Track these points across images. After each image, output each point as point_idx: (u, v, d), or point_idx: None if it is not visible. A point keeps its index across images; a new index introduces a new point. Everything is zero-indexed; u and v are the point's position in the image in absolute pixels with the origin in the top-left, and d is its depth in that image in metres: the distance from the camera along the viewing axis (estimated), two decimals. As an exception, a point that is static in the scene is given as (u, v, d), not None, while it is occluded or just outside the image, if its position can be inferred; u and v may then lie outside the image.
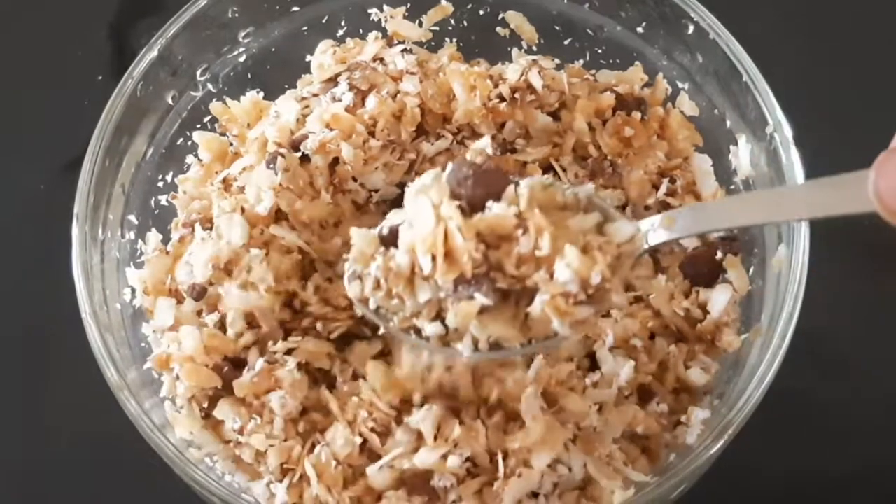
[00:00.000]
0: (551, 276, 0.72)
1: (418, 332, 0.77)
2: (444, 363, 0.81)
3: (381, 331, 0.86)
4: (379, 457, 0.82)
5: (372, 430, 0.82)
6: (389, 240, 0.77)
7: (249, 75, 1.00)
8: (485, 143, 0.90)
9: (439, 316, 0.76)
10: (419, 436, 0.81)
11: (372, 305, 0.78)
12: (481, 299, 0.72)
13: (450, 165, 0.76)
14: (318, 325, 0.87)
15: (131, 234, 0.93)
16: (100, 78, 1.15)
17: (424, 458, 0.80)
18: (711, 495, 0.89)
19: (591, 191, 0.78)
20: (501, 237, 0.73)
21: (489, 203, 0.74)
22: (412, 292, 0.75)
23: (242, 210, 0.89)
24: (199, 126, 0.98)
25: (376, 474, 0.81)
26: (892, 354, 1.02)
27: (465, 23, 1.01)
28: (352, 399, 0.83)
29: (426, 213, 0.73)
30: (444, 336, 0.76)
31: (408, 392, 0.83)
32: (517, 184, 0.75)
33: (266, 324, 0.86)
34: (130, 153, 0.93)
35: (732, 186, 0.94)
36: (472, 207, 0.74)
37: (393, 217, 0.78)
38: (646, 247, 0.76)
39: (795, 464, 0.97)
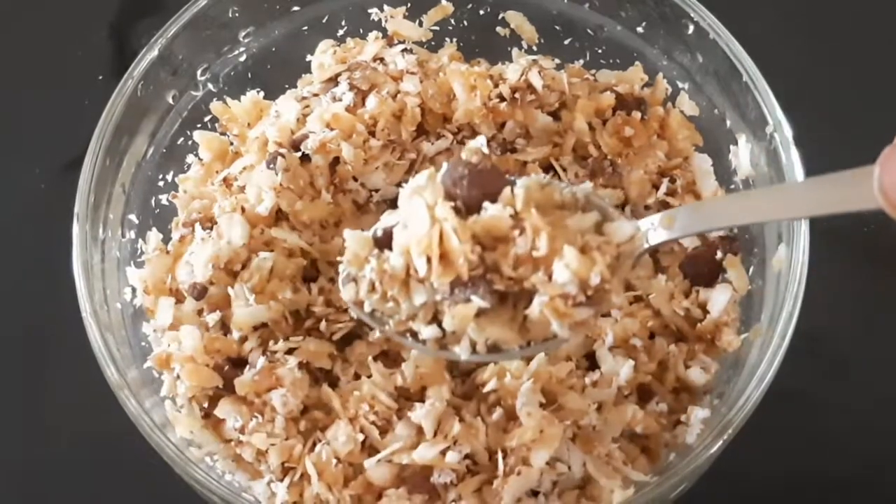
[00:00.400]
0: (549, 278, 0.71)
1: (414, 335, 0.76)
2: None
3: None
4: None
5: (373, 423, 0.82)
6: (384, 242, 0.76)
7: (250, 75, 1.00)
8: (480, 142, 0.90)
9: (436, 319, 0.75)
10: (419, 431, 0.81)
11: (367, 308, 0.77)
12: (478, 302, 0.72)
13: (444, 165, 0.75)
14: (321, 326, 0.87)
15: (132, 234, 0.93)
16: (100, 78, 1.15)
17: (423, 454, 0.80)
18: (711, 495, 0.89)
19: (590, 189, 0.77)
20: (498, 238, 0.72)
21: (485, 204, 0.73)
22: (407, 295, 0.74)
23: (243, 210, 0.90)
24: (199, 125, 0.98)
25: (374, 468, 0.81)
26: (891, 354, 1.02)
27: (466, 23, 1.02)
28: (353, 394, 0.83)
29: (421, 214, 0.73)
30: (441, 339, 0.75)
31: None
32: (514, 183, 0.74)
33: (279, 331, 0.86)
34: (131, 153, 0.93)
35: (732, 186, 0.94)
36: (467, 208, 0.73)
37: (387, 218, 0.77)
38: (645, 246, 0.75)
39: (795, 463, 0.97)
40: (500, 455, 0.81)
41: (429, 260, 0.72)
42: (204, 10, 0.95)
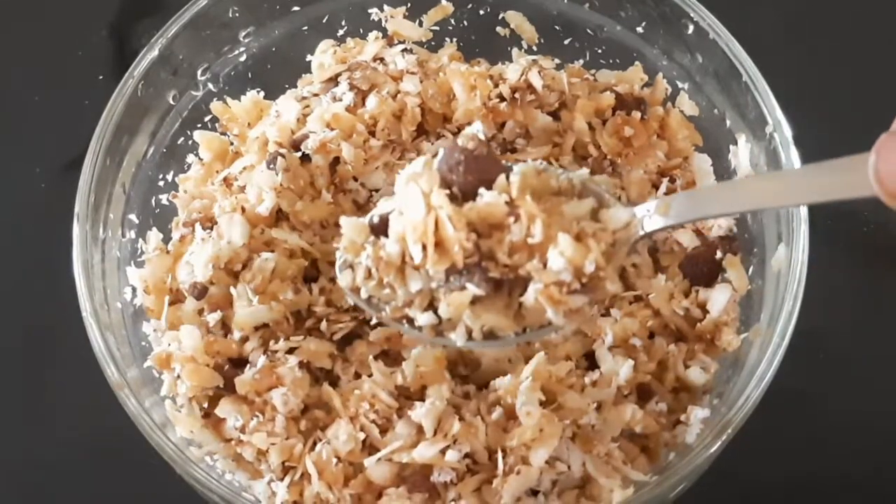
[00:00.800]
0: (544, 265, 0.72)
1: (411, 321, 0.77)
2: None
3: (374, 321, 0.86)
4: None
5: (373, 422, 0.82)
6: (380, 228, 0.76)
7: (250, 75, 1.00)
8: (477, 128, 0.90)
9: (432, 306, 0.76)
10: (419, 430, 0.81)
11: (363, 295, 0.78)
12: (473, 289, 0.72)
13: (441, 151, 0.76)
14: (322, 326, 0.87)
15: (132, 234, 0.93)
16: (100, 77, 1.15)
17: (423, 452, 0.80)
18: (711, 494, 0.89)
19: (586, 175, 0.78)
20: (493, 225, 0.73)
21: (481, 190, 0.73)
22: (403, 281, 0.75)
23: (243, 210, 0.90)
24: (199, 125, 0.99)
25: (375, 467, 0.81)
26: (891, 353, 1.02)
27: (466, 23, 1.02)
28: (354, 393, 0.83)
29: (416, 201, 0.73)
30: (438, 325, 0.76)
31: None
32: (510, 169, 0.74)
33: (280, 331, 0.86)
34: (131, 152, 0.93)
35: (732, 186, 0.94)
36: (463, 194, 0.74)
37: (383, 205, 0.77)
38: (641, 233, 0.75)
39: (794, 463, 0.97)
40: (499, 454, 0.81)
41: (424, 247, 0.72)
42: (204, 9, 0.95)
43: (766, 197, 0.73)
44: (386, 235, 0.75)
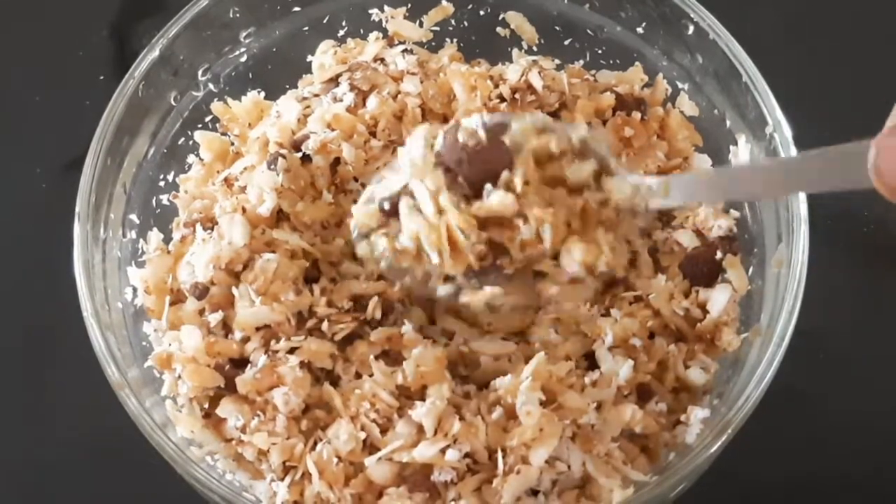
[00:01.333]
0: (554, 256, 0.74)
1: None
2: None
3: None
4: (381, 453, 0.82)
5: (374, 422, 0.82)
6: (391, 212, 0.78)
7: (251, 75, 1.00)
8: (475, 122, 0.90)
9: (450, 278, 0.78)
10: (420, 429, 0.81)
11: (383, 266, 0.80)
12: (490, 290, 0.75)
13: (440, 136, 0.77)
14: (323, 326, 0.87)
15: (133, 234, 0.93)
16: (101, 78, 1.15)
17: (424, 452, 0.80)
18: (711, 494, 0.89)
19: (585, 133, 0.78)
20: (503, 224, 0.75)
21: (487, 187, 0.75)
22: (420, 263, 0.77)
23: (244, 210, 0.90)
24: (200, 126, 0.99)
25: (375, 467, 0.81)
26: (891, 353, 1.02)
27: (466, 23, 1.02)
28: (355, 393, 0.83)
29: (425, 202, 0.75)
30: (457, 292, 0.79)
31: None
32: (509, 125, 0.76)
33: (281, 332, 0.86)
34: (132, 153, 0.93)
35: (732, 186, 0.94)
36: (471, 184, 0.75)
37: (387, 184, 0.79)
38: (643, 206, 0.77)
39: (794, 463, 0.98)
40: (499, 454, 0.81)
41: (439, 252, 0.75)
42: (205, 10, 0.95)
43: (766, 186, 0.74)
44: (397, 216, 0.77)
